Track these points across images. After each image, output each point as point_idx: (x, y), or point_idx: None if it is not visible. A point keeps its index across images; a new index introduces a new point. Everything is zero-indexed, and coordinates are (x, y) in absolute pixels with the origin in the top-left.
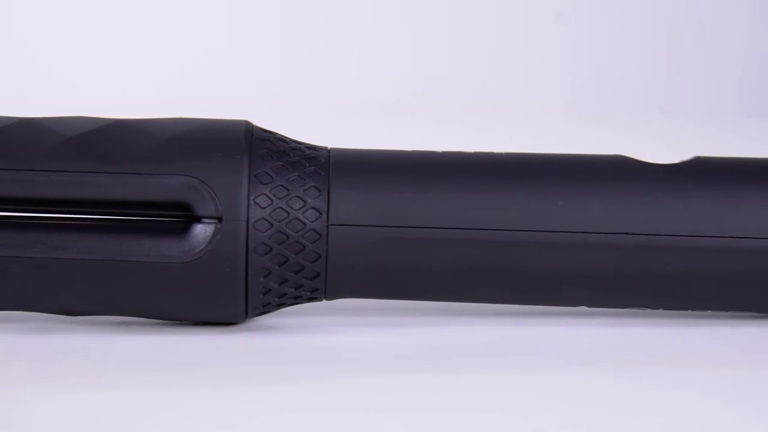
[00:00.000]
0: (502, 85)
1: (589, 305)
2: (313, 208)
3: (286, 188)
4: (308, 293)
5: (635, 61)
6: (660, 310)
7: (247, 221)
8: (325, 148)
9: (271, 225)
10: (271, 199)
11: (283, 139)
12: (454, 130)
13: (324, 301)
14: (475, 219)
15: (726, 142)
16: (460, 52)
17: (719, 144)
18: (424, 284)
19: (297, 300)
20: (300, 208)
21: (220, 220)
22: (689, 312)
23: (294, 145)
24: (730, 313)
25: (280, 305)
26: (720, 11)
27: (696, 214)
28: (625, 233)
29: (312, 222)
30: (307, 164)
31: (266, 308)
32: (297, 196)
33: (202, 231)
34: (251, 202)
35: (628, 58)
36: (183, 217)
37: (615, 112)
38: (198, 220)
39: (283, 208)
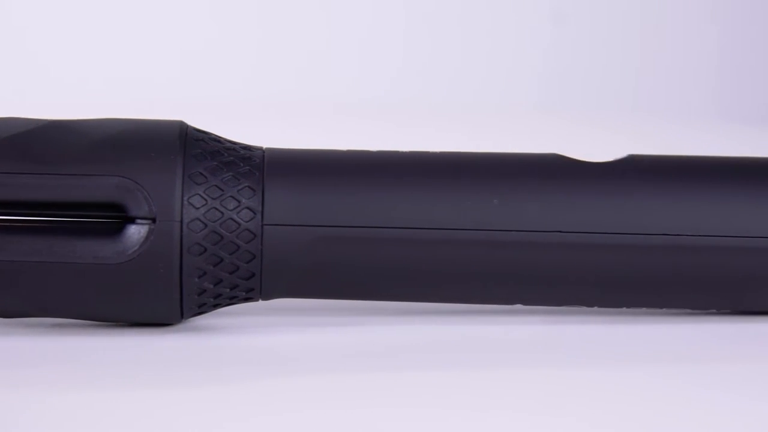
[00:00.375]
0: (464, 85)
1: (524, 303)
2: (247, 208)
3: (220, 188)
4: (244, 293)
5: (607, 61)
6: (595, 308)
7: (181, 222)
8: (260, 148)
9: (206, 225)
10: (205, 200)
11: (217, 139)
12: (402, 130)
13: (260, 302)
14: (409, 218)
15: (698, 143)
16: (409, 51)
17: (692, 144)
18: (360, 283)
19: (233, 300)
20: (234, 208)
21: (153, 220)
22: (624, 309)
23: (228, 145)
24: (664, 310)
25: (216, 306)
26: (693, 12)
27: (629, 211)
28: (559, 231)
29: (246, 222)
30: (242, 164)
31: (202, 309)
32: (231, 196)
33: (135, 232)
34: (185, 202)
35: (601, 58)
36: (117, 218)
37: (587, 112)
38: (132, 220)
39: (217, 209)
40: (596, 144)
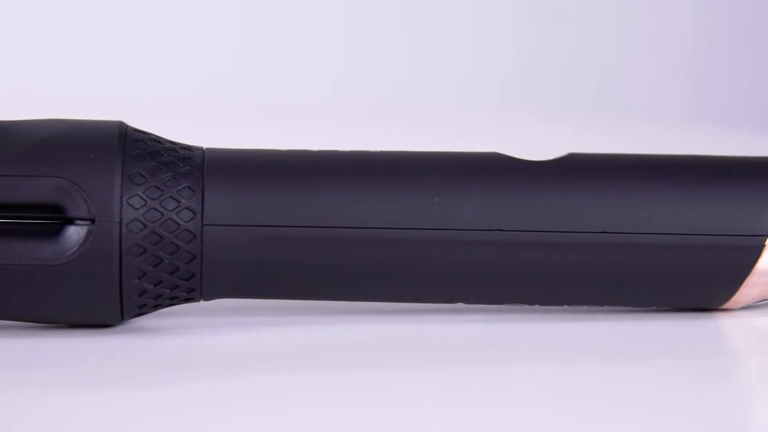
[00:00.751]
0: (414, 83)
1: (466, 302)
2: (187, 208)
3: (159, 189)
4: (184, 294)
5: (578, 60)
6: (537, 306)
7: (120, 222)
8: (200, 149)
9: (145, 226)
10: (145, 200)
11: (157, 140)
12: (347, 129)
13: (201, 302)
14: (350, 217)
15: (668, 143)
16: (356, 47)
17: (661, 144)
18: (302, 283)
19: (173, 301)
20: (174, 209)
21: (93, 221)
22: (565, 307)
23: (168, 145)
24: (605, 308)
25: (157, 306)
26: (666, 12)
27: (568, 209)
28: (500, 230)
29: (186, 222)
30: (181, 164)
31: (142, 310)
32: (171, 197)
33: (74, 233)
34: (124, 203)
35: (573, 57)
36: (55, 219)
37: (557, 111)
38: (71, 222)
39: (156, 209)
40: (563, 142)
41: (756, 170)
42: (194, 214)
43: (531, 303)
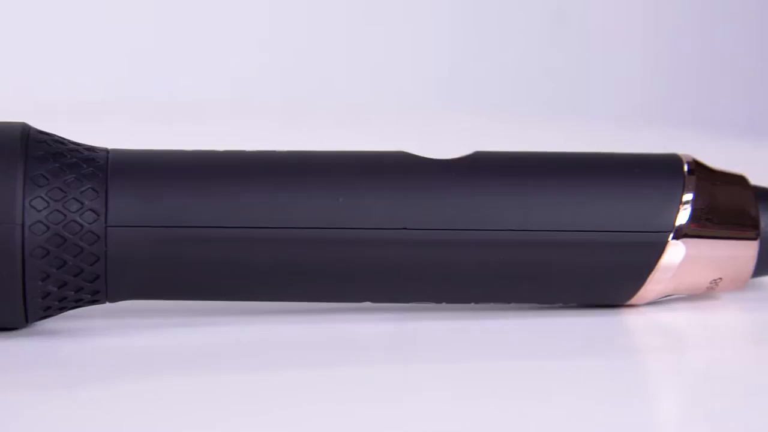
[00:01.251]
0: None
1: (373, 301)
2: (90, 209)
3: (62, 190)
4: (89, 296)
5: (529, 61)
6: (444, 304)
7: (23, 225)
8: (105, 149)
9: (48, 228)
10: (48, 202)
11: (60, 141)
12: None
13: (108, 304)
14: (256, 217)
15: (616, 142)
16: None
17: (609, 143)
18: (209, 284)
19: (78, 303)
20: (77, 210)
21: None
22: (473, 305)
23: (72, 146)
24: (512, 305)
25: (62, 309)
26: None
27: (473, 207)
28: (405, 228)
29: (90, 224)
30: (85, 166)
31: (47, 312)
32: (74, 198)
33: None
34: (27, 205)
35: (525, 59)
36: None
37: (499, 110)
38: None
39: (59, 211)
40: (511, 143)
41: (660, 166)
42: (98, 215)
43: (438, 301)
